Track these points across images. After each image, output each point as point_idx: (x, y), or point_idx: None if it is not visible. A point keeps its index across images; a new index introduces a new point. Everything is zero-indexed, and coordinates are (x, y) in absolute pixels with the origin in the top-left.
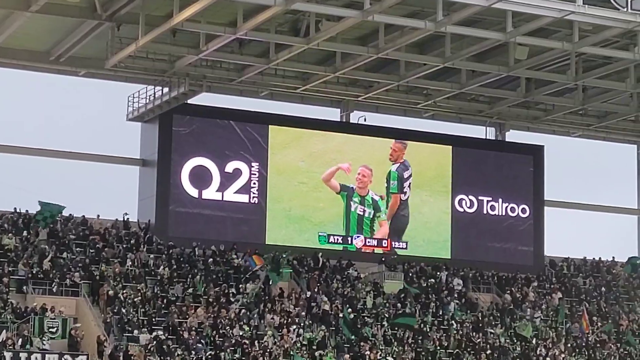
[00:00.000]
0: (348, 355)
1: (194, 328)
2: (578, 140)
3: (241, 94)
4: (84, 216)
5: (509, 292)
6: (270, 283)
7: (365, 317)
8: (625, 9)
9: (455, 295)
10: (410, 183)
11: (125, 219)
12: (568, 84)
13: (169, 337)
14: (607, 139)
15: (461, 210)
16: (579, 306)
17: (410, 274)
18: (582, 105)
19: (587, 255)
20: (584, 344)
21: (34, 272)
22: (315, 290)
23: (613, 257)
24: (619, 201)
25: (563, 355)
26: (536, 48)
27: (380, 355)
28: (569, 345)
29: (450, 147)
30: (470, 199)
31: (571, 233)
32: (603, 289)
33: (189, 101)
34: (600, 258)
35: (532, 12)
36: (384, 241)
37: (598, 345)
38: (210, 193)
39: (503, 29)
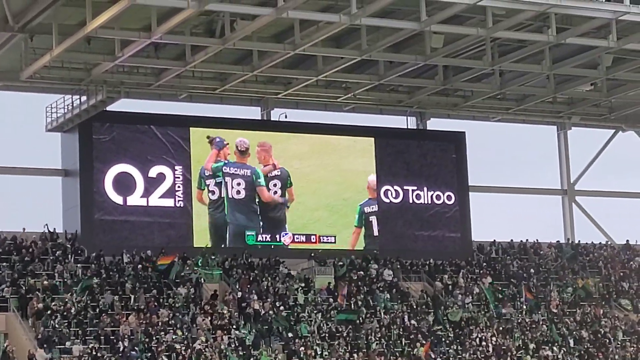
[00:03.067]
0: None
1: (127, 336)
2: (498, 124)
3: (160, 98)
4: (9, 232)
5: (439, 279)
6: (203, 281)
7: (299, 314)
8: None
9: (386, 286)
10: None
11: (51, 230)
12: (485, 69)
13: (103, 346)
14: (527, 121)
15: (387, 201)
16: (508, 289)
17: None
18: (500, 90)
19: (513, 238)
20: (515, 326)
21: None
22: (247, 290)
23: (536, 240)
24: (542, 183)
25: (495, 339)
26: (451, 35)
27: (315, 350)
28: (501, 328)
29: (373, 138)
30: (395, 189)
31: (497, 217)
32: (532, 270)
33: (108, 108)
34: (527, 240)
35: (445, 0)
36: (312, 236)
37: (532, 327)
38: (135, 199)
39: (417, 19)
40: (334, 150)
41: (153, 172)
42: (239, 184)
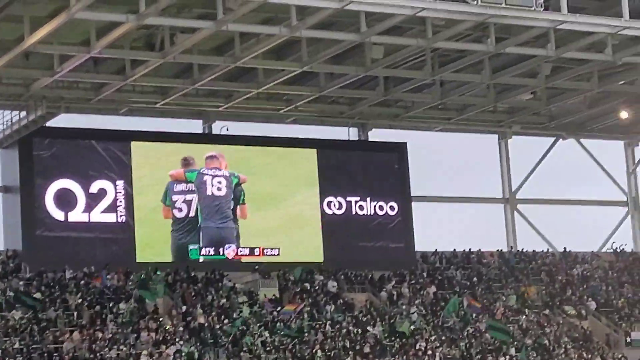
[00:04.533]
0: None
1: (70, 352)
2: (440, 134)
3: (100, 113)
4: None
5: (384, 290)
6: (146, 301)
7: (243, 327)
8: (475, 2)
9: (331, 298)
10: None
11: None
12: (426, 79)
13: None
14: (468, 130)
15: (330, 212)
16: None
17: (285, 282)
18: (441, 100)
19: (456, 247)
20: (459, 336)
21: None
22: (190, 304)
23: (479, 249)
24: (484, 191)
25: (441, 348)
26: (391, 46)
27: None
28: (445, 337)
29: (315, 150)
30: (338, 201)
31: (440, 226)
32: (475, 279)
33: (48, 124)
34: (470, 249)
35: (384, 12)
36: (256, 249)
37: (477, 335)
38: (77, 215)
39: (357, 30)
40: (276, 163)
41: (94, 187)
42: (220, 182)
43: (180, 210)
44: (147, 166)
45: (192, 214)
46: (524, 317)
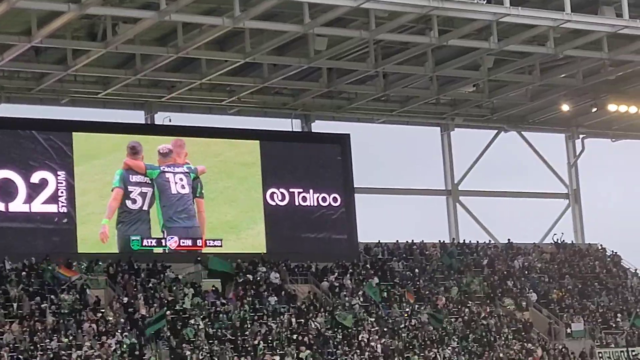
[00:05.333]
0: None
1: (10, 344)
2: (383, 126)
3: (42, 103)
4: None
5: (326, 281)
6: (88, 290)
7: (185, 319)
8: None
9: (274, 289)
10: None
11: None
12: (368, 71)
13: None
14: (411, 123)
15: (273, 203)
16: (394, 289)
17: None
18: (384, 92)
19: (399, 239)
20: (402, 327)
21: None
22: (132, 295)
23: (422, 240)
24: (427, 183)
25: (384, 340)
26: (335, 38)
27: (201, 355)
28: (387, 328)
29: (258, 141)
30: (281, 192)
31: (383, 218)
32: (416, 270)
33: None
34: (412, 241)
35: (328, 3)
36: (199, 240)
37: (418, 327)
38: (17, 205)
39: (301, 21)
40: (219, 154)
41: (35, 177)
42: (181, 179)
43: (134, 201)
44: (89, 157)
45: (145, 207)
46: (466, 308)
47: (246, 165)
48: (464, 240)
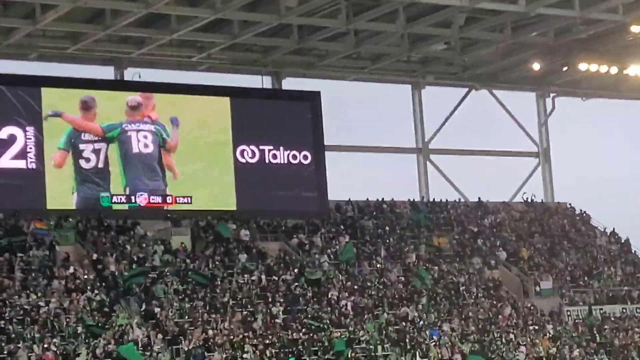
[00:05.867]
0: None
1: None
2: (354, 83)
3: (10, 58)
4: None
5: (295, 238)
6: (57, 246)
7: (154, 276)
8: None
9: (244, 247)
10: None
11: None
12: (340, 28)
13: None
14: (382, 80)
15: (243, 161)
16: (364, 247)
17: (197, 230)
18: (355, 49)
19: (369, 197)
20: (373, 284)
21: None
22: (102, 252)
23: (392, 198)
24: (397, 141)
25: (353, 297)
26: None
27: (171, 312)
28: (357, 286)
29: (228, 98)
30: (251, 149)
31: (354, 176)
32: (387, 228)
33: None
34: (383, 199)
35: None
36: (168, 197)
37: (388, 284)
38: None
39: None
40: (189, 111)
41: (3, 133)
42: (145, 137)
43: (88, 160)
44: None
45: (101, 164)
46: (436, 267)
47: (216, 122)
48: (434, 198)
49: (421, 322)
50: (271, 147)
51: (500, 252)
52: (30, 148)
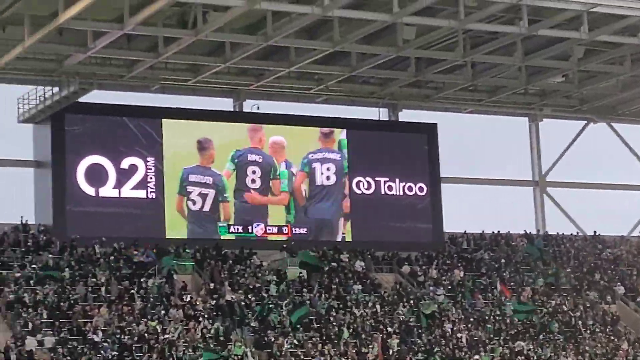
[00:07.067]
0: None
1: (99, 327)
2: (470, 116)
3: (132, 90)
4: None
5: (407, 265)
6: (175, 275)
7: (270, 305)
8: None
9: (358, 278)
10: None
11: (23, 222)
12: (457, 61)
13: (74, 337)
14: (499, 113)
15: (359, 192)
16: (480, 280)
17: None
18: (472, 82)
19: (485, 229)
20: (486, 318)
21: None
22: (219, 281)
23: (508, 231)
24: (514, 174)
25: (467, 331)
26: (423, 27)
27: (287, 341)
28: (472, 319)
29: (345, 130)
30: (367, 181)
31: (469, 208)
32: (503, 261)
33: (80, 100)
34: (498, 231)
35: None
36: (284, 228)
37: (504, 318)
38: (107, 190)
39: (390, 10)
40: (306, 142)
41: (125, 163)
42: (328, 169)
43: (194, 202)
44: (178, 143)
45: (206, 208)
46: (552, 301)
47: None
48: (549, 231)
49: (535, 357)
50: (387, 179)
51: (618, 287)
52: (151, 178)
